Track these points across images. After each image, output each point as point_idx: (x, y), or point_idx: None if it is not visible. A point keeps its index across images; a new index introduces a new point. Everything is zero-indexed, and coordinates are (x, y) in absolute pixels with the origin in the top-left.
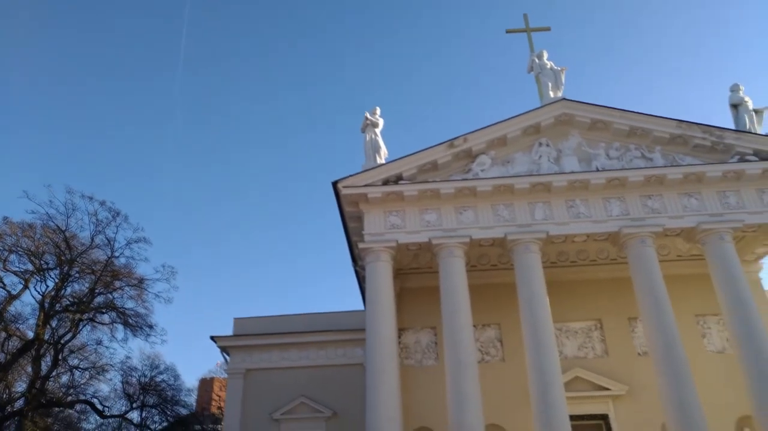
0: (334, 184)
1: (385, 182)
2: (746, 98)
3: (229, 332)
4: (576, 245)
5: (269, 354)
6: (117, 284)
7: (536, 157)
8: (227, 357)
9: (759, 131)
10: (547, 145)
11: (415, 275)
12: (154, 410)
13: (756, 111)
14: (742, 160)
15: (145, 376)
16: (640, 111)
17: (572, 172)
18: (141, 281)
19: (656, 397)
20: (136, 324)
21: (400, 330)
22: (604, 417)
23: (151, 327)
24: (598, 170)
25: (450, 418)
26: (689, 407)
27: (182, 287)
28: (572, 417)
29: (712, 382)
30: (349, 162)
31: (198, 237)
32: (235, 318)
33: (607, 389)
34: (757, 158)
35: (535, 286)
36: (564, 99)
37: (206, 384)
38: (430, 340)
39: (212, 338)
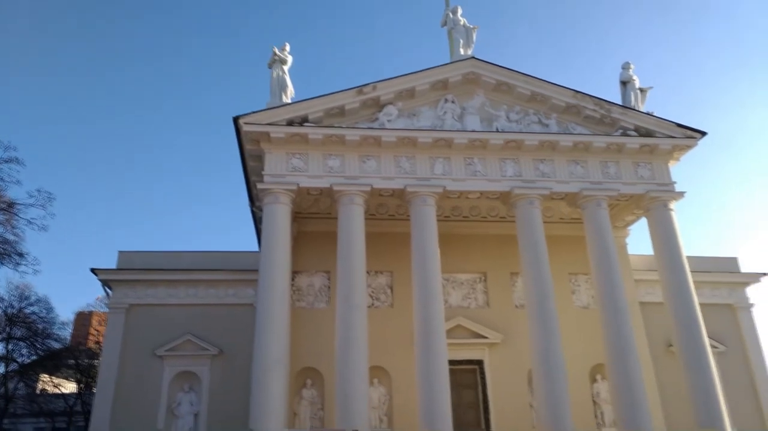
0: (236, 119)
1: (290, 123)
2: (634, 77)
3: (113, 265)
4: (470, 201)
5: (155, 290)
6: None
7: (441, 113)
8: (109, 291)
9: (641, 109)
10: (453, 102)
11: (314, 220)
12: (21, 343)
13: (641, 90)
14: (624, 134)
15: (13, 307)
16: (542, 78)
17: (474, 131)
18: (11, 205)
19: (526, 346)
20: (4, 252)
21: (294, 273)
22: (479, 363)
23: (21, 255)
24: (498, 131)
25: (336, 359)
26: (553, 355)
27: (61, 216)
28: (451, 362)
29: (575, 334)
30: (254, 100)
31: (85, 166)
32: (119, 251)
33: (485, 337)
34: (637, 134)
35: (428, 238)
36: (473, 58)
37: (83, 318)
38: (323, 284)
39: (93, 270)
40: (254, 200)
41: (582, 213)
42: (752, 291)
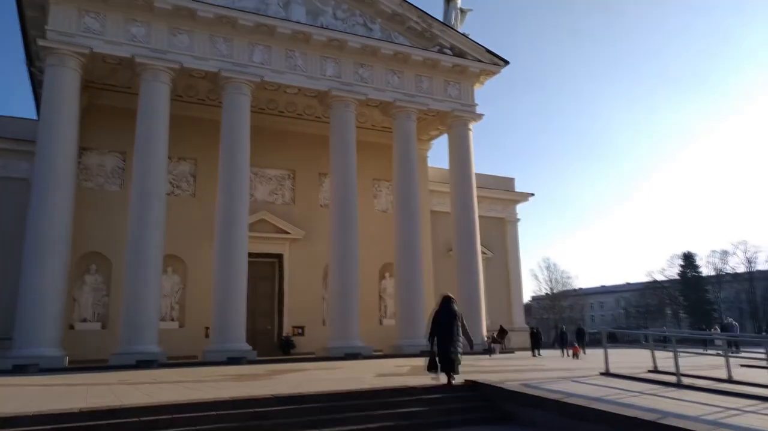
0: None
1: None
2: None
3: None
4: (287, 96)
5: None
6: None
7: None
8: None
9: (459, 29)
10: None
11: (109, 93)
12: None
13: (462, 10)
14: (441, 51)
15: None
16: None
17: (299, 22)
18: None
19: (326, 243)
20: None
21: (82, 150)
22: (279, 257)
23: None
24: (323, 27)
25: (127, 245)
26: (349, 253)
27: None
28: (252, 255)
29: (371, 235)
30: None
31: None
32: None
33: (287, 233)
34: (451, 53)
35: (239, 128)
36: None
37: None
38: (117, 165)
39: None
40: (33, 58)
41: (392, 123)
42: (521, 208)
